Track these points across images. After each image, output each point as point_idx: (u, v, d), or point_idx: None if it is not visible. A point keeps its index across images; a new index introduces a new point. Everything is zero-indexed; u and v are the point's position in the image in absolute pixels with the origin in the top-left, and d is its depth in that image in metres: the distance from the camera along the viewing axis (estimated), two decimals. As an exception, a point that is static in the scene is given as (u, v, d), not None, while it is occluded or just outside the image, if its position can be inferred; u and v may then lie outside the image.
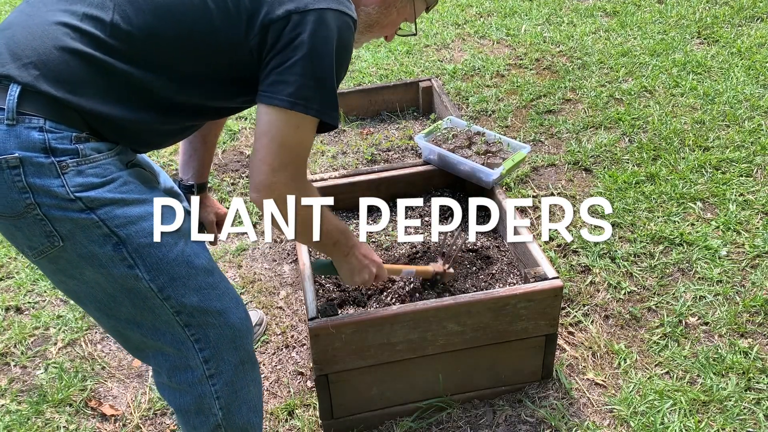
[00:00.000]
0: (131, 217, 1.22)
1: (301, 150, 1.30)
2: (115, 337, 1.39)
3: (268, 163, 1.25)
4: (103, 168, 1.21)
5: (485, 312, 1.74)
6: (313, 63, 1.22)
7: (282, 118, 1.24)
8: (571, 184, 2.82)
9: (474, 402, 1.92)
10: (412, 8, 1.51)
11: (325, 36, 1.22)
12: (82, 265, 1.22)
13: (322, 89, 1.25)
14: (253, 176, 1.27)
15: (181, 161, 1.78)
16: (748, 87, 3.36)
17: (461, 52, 4.09)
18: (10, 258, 2.62)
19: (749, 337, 2.07)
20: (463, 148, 2.28)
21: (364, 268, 1.58)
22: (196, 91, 1.29)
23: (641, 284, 2.29)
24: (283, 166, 1.26)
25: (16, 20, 1.22)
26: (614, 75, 3.63)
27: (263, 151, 1.25)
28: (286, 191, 1.28)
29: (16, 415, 1.98)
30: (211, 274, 1.34)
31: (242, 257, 2.58)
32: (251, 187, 1.29)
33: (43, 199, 1.16)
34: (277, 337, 2.22)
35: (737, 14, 4.19)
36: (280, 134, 1.25)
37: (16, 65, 1.15)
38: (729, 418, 1.81)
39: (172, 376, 1.37)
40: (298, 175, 1.31)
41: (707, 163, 2.83)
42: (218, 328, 1.35)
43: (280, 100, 1.22)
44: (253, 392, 1.47)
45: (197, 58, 1.25)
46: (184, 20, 1.22)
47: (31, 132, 1.14)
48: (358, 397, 1.82)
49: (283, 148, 1.25)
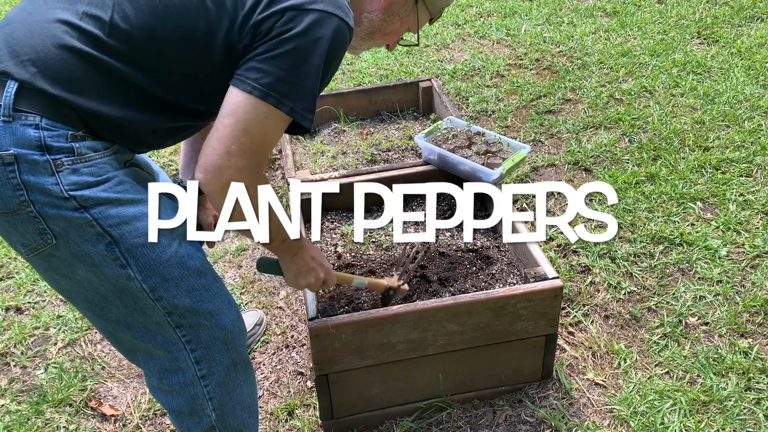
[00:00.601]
0: (125, 216, 1.22)
1: (265, 142, 1.24)
2: (107, 338, 1.39)
3: (225, 146, 1.18)
4: (98, 167, 1.21)
5: (485, 312, 1.74)
6: (298, 60, 1.19)
7: (252, 104, 1.19)
8: (571, 184, 2.82)
9: (474, 402, 1.92)
10: (415, 18, 1.50)
11: (318, 37, 1.20)
12: (75, 263, 1.22)
13: (300, 88, 1.21)
14: (206, 155, 1.20)
15: (182, 162, 1.78)
16: (748, 87, 3.36)
17: (461, 52, 4.10)
18: (10, 258, 2.62)
19: (749, 337, 2.07)
20: (463, 148, 2.28)
21: (311, 272, 1.50)
22: (193, 92, 1.29)
23: (641, 284, 2.29)
24: (241, 152, 1.19)
25: (15, 17, 1.22)
26: (614, 75, 3.63)
27: (224, 131, 1.19)
28: (236, 178, 1.20)
29: (16, 415, 1.98)
30: (204, 275, 1.34)
31: (242, 257, 2.58)
32: (198, 167, 1.21)
33: (37, 197, 1.16)
34: (277, 337, 2.22)
35: (737, 14, 4.19)
36: (245, 119, 1.19)
37: (14, 62, 1.15)
38: (729, 418, 1.81)
39: (163, 379, 1.37)
40: (254, 166, 1.23)
41: (707, 163, 2.83)
42: (210, 330, 1.34)
43: (253, 87, 1.18)
44: (246, 393, 1.47)
45: (196, 58, 1.24)
46: (183, 21, 1.21)
47: (27, 129, 1.14)
48: (358, 397, 1.82)
49: (246, 135, 1.19)
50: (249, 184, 1.21)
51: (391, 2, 1.44)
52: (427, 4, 1.49)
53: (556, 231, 2.54)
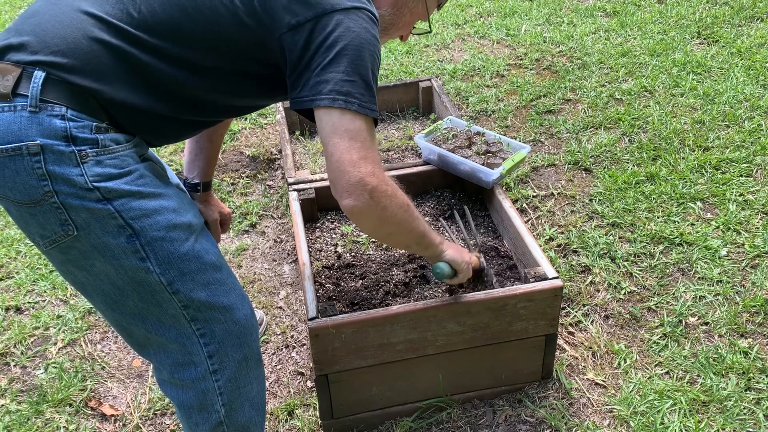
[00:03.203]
0: (146, 210, 1.23)
1: (371, 142, 1.27)
2: (118, 332, 1.39)
3: (347, 160, 1.23)
4: (120, 159, 1.22)
5: (485, 312, 1.74)
6: (349, 60, 1.23)
7: (337, 115, 1.24)
8: (571, 184, 2.82)
9: (474, 402, 1.92)
10: (424, 7, 1.53)
11: (356, 33, 1.24)
12: (94, 255, 1.23)
13: (360, 83, 1.25)
14: (339, 181, 1.25)
15: (186, 160, 1.79)
16: (748, 87, 3.36)
17: (461, 52, 4.10)
18: (10, 258, 2.62)
19: (749, 337, 2.07)
20: (463, 148, 2.28)
21: (469, 262, 1.64)
22: (216, 86, 1.30)
23: (641, 284, 2.29)
24: (363, 158, 1.24)
25: (42, 9, 1.23)
26: (614, 75, 3.63)
27: (338, 151, 1.24)
28: (374, 181, 1.25)
29: (16, 415, 1.98)
30: (219, 270, 1.36)
31: (242, 257, 2.58)
32: (340, 196, 1.26)
33: (62, 187, 1.17)
34: (277, 337, 2.22)
35: (737, 14, 4.19)
36: (344, 129, 1.24)
37: (44, 53, 1.16)
38: (729, 418, 1.81)
39: (175, 372, 1.38)
40: (377, 161, 1.28)
41: (707, 163, 2.83)
42: (224, 324, 1.36)
43: (330, 100, 1.22)
44: (255, 390, 1.48)
45: (221, 53, 1.26)
46: (211, 15, 1.23)
47: (53, 120, 1.15)
48: (358, 397, 1.82)
49: (354, 141, 1.24)
50: (385, 182, 1.28)
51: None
52: None
53: (556, 231, 2.54)
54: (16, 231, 2.76)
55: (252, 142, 3.27)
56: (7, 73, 1.15)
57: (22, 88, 1.15)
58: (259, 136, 3.31)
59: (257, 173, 3.06)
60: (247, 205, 2.83)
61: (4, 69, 1.15)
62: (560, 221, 2.60)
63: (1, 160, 1.14)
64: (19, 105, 1.14)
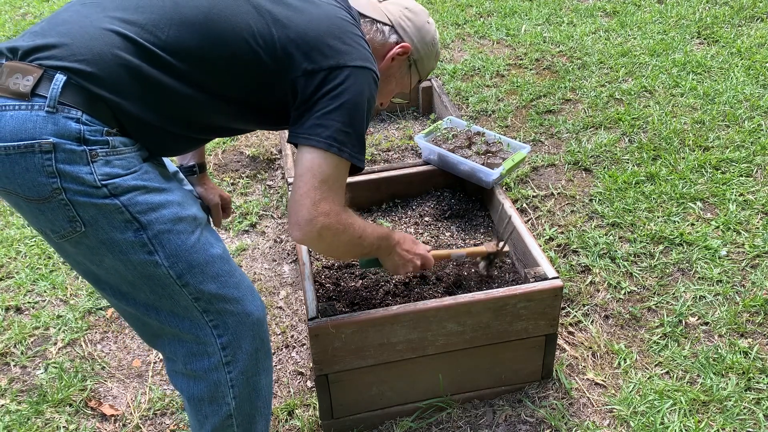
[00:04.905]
0: (152, 204, 1.26)
1: (338, 187, 1.40)
2: (130, 323, 1.41)
3: (311, 198, 1.34)
4: (128, 160, 1.25)
5: (485, 312, 1.74)
6: (349, 112, 1.35)
7: (323, 157, 1.35)
8: (571, 184, 2.82)
9: (474, 402, 1.92)
10: (408, 80, 1.68)
11: (360, 90, 1.37)
12: (103, 251, 1.25)
13: (354, 136, 1.37)
14: (296, 213, 1.35)
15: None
16: (748, 87, 3.36)
17: (461, 52, 4.10)
18: (10, 258, 2.62)
19: (749, 337, 2.07)
20: (463, 148, 2.28)
21: (408, 263, 1.71)
22: (230, 112, 1.38)
23: (641, 284, 2.30)
24: (324, 199, 1.36)
25: (71, 19, 1.27)
26: (614, 75, 3.63)
27: (305, 186, 1.35)
28: (326, 221, 1.36)
29: (16, 415, 1.98)
30: (227, 262, 1.38)
31: (242, 257, 2.58)
32: (292, 226, 1.37)
33: (70, 185, 1.19)
34: (277, 337, 2.22)
35: (737, 14, 4.19)
36: (321, 171, 1.35)
37: (68, 60, 1.20)
38: (729, 418, 1.81)
39: (188, 363, 1.39)
40: (337, 206, 1.39)
41: (707, 163, 2.83)
42: (236, 316, 1.38)
43: (318, 141, 1.34)
44: (264, 382, 1.49)
45: (240, 83, 1.34)
46: (235, 49, 1.30)
47: (68, 122, 1.18)
48: (358, 397, 1.82)
49: (324, 184, 1.35)
50: (337, 222, 1.39)
51: (389, 66, 1.59)
52: (419, 69, 1.66)
53: (556, 231, 2.54)
54: (16, 231, 2.76)
55: (252, 142, 3.27)
56: (29, 74, 1.18)
57: (42, 89, 1.18)
58: (259, 136, 3.31)
59: (257, 173, 3.06)
60: (247, 205, 2.83)
61: (27, 69, 1.18)
62: (560, 221, 2.60)
63: (13, 157, 1.17)
64: (36, 105, 1.17)
